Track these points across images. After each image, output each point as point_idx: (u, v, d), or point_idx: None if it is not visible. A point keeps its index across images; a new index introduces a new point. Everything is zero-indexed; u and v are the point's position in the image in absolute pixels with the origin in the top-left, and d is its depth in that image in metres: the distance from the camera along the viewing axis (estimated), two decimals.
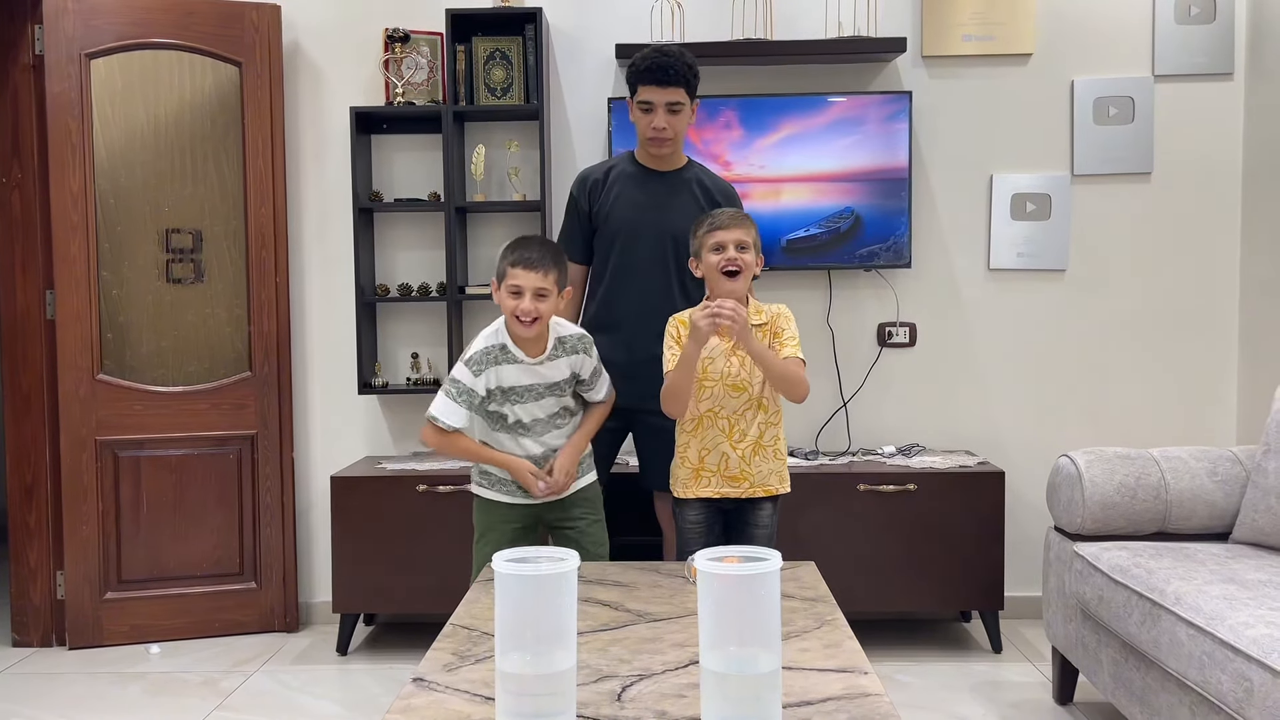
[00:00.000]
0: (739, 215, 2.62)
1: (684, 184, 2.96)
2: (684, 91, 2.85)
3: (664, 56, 2.82)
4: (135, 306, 3.58)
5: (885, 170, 3.55)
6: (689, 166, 3.01)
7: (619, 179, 2.95)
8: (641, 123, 2.88)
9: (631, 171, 2.97)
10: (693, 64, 2.87)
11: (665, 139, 2.87)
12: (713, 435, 2.59)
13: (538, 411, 2.59)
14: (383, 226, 3.75)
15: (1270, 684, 1.90)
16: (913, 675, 3.19)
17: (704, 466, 2.60)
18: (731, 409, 2.57)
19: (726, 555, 1.51)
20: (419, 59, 3.61)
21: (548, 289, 2.47)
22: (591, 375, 2.65)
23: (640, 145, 2.97)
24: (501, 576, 1.46)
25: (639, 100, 2.86)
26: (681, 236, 2.80)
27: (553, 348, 2.56)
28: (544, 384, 2.56)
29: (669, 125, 2.85)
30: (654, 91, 2.82)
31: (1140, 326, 3.70)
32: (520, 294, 2.46)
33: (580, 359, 2.61)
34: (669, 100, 2.83)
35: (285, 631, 3.67)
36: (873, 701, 1.58)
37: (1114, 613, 2.51)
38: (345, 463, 3.69)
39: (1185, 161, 3.66)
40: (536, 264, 2.46)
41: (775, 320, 2.61)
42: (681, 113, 2.87)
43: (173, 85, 3.57)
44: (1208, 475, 2.79)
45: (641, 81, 2.84)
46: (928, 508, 3.30)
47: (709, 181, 3.00)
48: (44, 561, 3.61)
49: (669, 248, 2.89)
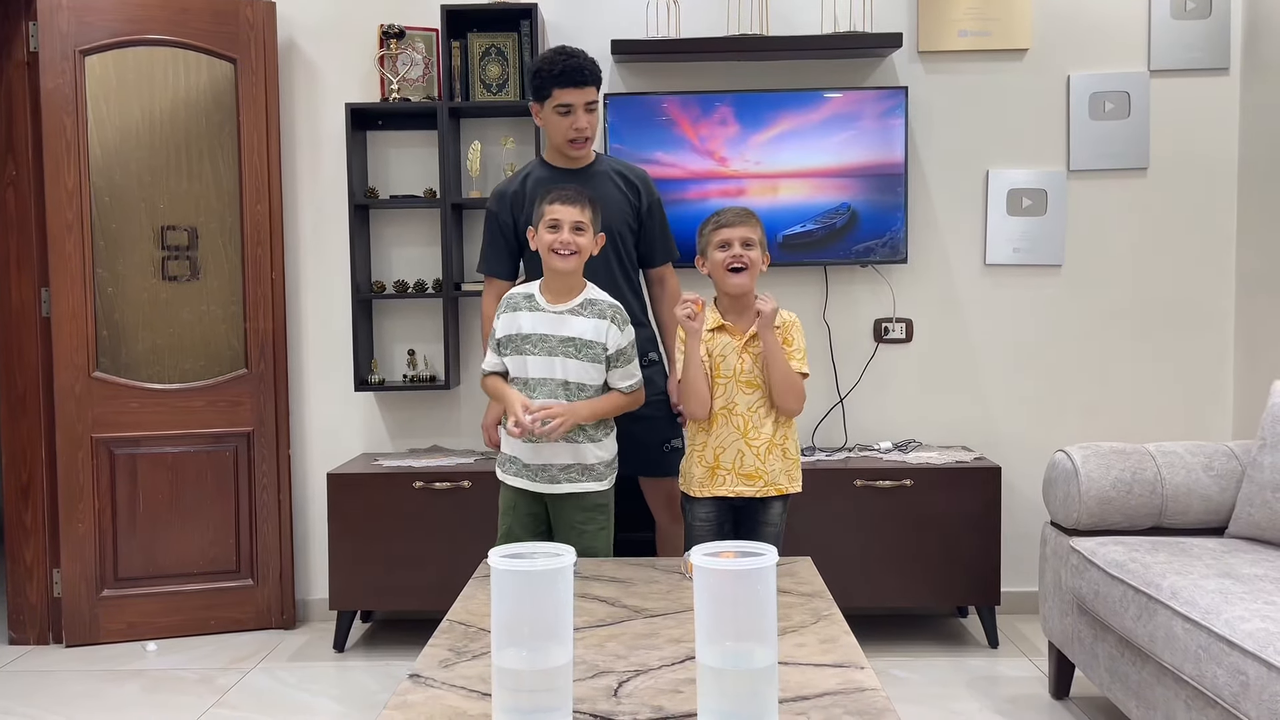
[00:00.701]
0: (744, 213, 2.63)
1: (602, 176, 2.97)
2: (595, 90, 2.91)
3: (575, 58, 2.87)
4: (131, 304, 3.57)
5: (881, 166, 3.55)
6: (600, 160, 3.03)
7: (537, 185, 2.92)
8: (561, 126, 2.89)
9: (547, 175, 2.96)
10: (596, 61, 2.92)
11: (586, 138, 2.91)
12: (728, 433, 2.59)
13: (544, 370, 2.57)
14: (378, 223, 3.75)
15: (1266, 678, 1.91)
16: (909, 670, 3.19)
17: (719, 465, 2.61)
18: (746, 405, 2.58)
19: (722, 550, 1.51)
20: (414, 55, 3.61)
21: (584, 223, 2.57)
22: (619, 353, 2.60)
23: (551, 149, 2.99)
24: (498, 573, 1.46)
25: (557, 104, 2.88)
26: (615, 228, 2.86)
27: (580, 304, 2.60)
28: (558, 336, 2.56)
29: (589, 124, 2.90)
30: (572, 93, 2.86)
31: (1136, 322, 3.70)
32: (558, 227, 2.55)
33: (608, 326, 2.58)
34: (587, 100, 2.88)
35: (282, 629, 3.67)
36: (869, 696, 1.59)
37: (1110, 607, 2.51)
38: (342, 460, 3.69)
39: (1181, 157, 3.66)
40: (574, 199, 2.58)
41: (787, 329, 2.61)
42: (596, 110, 2.93)
43: (167, 82, 3.56)
44: (1203, 470, 2.79)
45: (558, 85, 2.86)
46: (924, 503, 3.30)
47: (623, 169, 3.03)
48: (40, 559, 3.60)
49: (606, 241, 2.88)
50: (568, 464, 2.60)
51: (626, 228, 2.95)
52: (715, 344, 2.60)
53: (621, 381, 2.62)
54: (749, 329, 2.59)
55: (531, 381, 2.57)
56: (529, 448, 2.60)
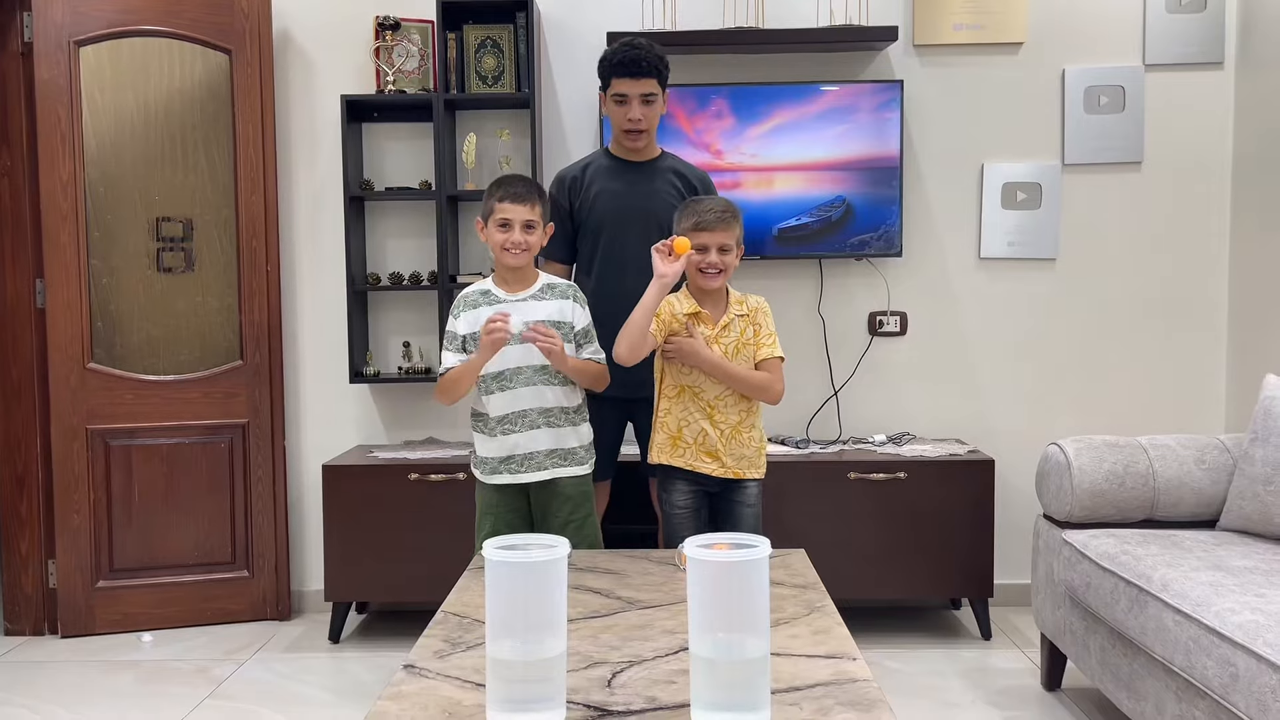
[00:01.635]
0: (725, 215, 2.57)
1: (661, 174, 3.00)
2: (656, 82, 2.91)
3: (635, 49, 2.88)
4: (126, 295, 3.57)
5: (876, 159, 3.55)
6: (663, 157, 3.05)
7: (597, 174, 2.99)
8: (617, 115, 2.93)
9: (608, 165, 3.01)
10: (663, 55, 2.93)
11: (641, 130, 2.93)
12: (695, 410, 2.60)
13: (520, 358, 2.57)
14: (374, 215, 3.75)
15: (1255, 669, 1.92)
16: (902, 662, 3.21)
17: (681, 437, 2.62)
18: (715, 392, 2.59)
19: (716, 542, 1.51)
20: (410, 47, 3.60)
21: (535, 221, 2.57)
22: (585, 330, 2.65)
23: (615, 139, 3.01)
24: (492, 564, 1.47)
25: (613, 93, 2.91)
26: (666, 224, 2.84)
27: (540, 289, 2.63)
28: (527, 323, 2.56)
29: (644, 116, 2.91)
30: (628, 84, 2.88)
31: (1130, 315, 3.71)
32: (509, 226, 2.55)
33: (570, 305, 2.63)
34: (643, 92, 2.89)
35: (277, 620, 3.67)
36: (861, 687, 1.60)
37: (1102, 599, 2.53)
38: (337, 451, 3.69)
39: (1175, 151, 3.67)
40: (523, 197, 2.56)
41: (755, 314, 2.62)
42: (655, 103, 2.93)
43: (162, 73, 3.55)
44: (1195, 463, 2.80)
45: (615, 74, 2.89)
46: (918, 496, 3.31)
47: (685, 170, 3.04)
48: (35, 550, 3.61)
49: (656, 235, 2.90)
50: (550, 449, 2.61)
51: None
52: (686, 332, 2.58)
53: (593, 358, 2.66)
54: (721, 318, 2.59)
55: (508, 372, 2.58)
56: (507, 443, 2.60)
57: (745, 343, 2.60)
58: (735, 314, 2.60)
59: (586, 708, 1.53)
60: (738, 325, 2.59)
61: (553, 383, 2.60)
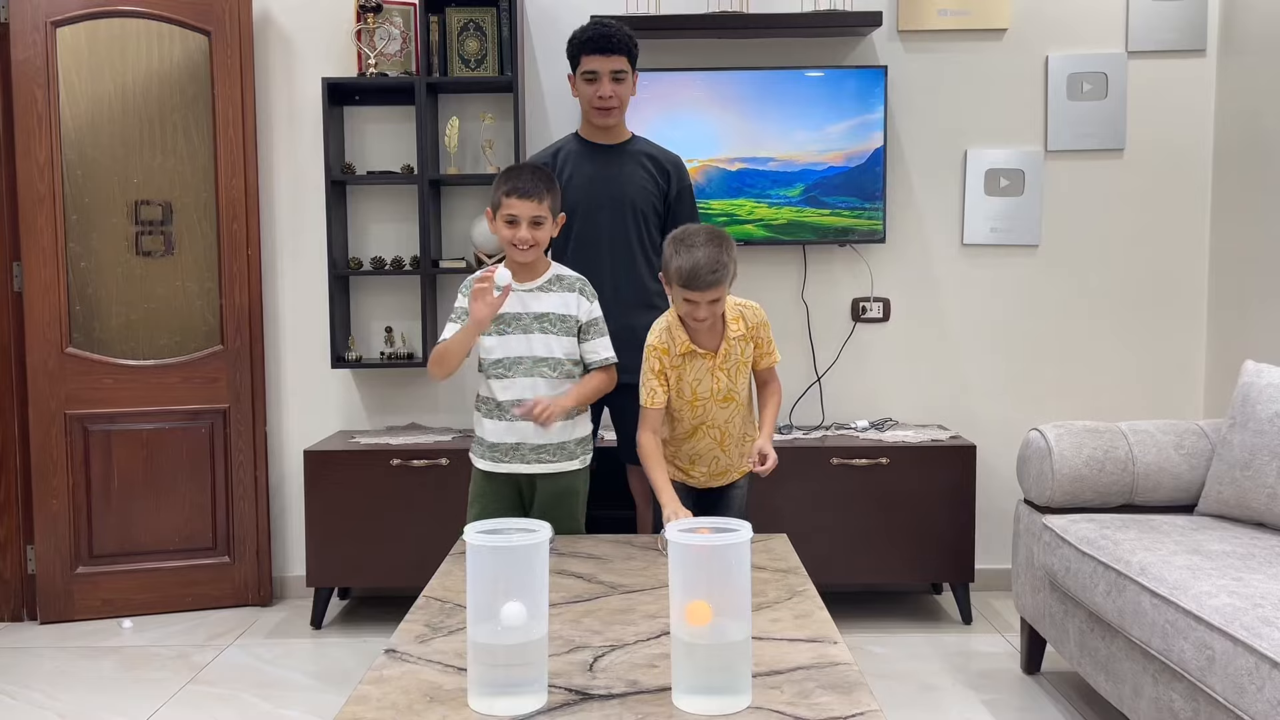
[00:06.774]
0: (717, 272, 2.35)
1: (632, 157, 2.99)
2: (626, 60, 2.91)
3: (605, 26, 2.90)
4: (104, 279, 3.54)
5: (860, 145, 3.55)
6: (634, 140, 3.04)
7: (568, 158, 2.98)
8: (587, 93, 2.92)
9: (579, 149, 3.00)
10: (631, 34, 2.94)
11: (611, 107, 2.92)
12: (706, 444, 2.59)
13: (521, 348, 2.55)
14: (355, 199, 3.72)
15: (1231, 652, 1.94)
16: (883, 645, 3.23)
17: (694, 468, 2.63)
18: (724, 418, 2.56)
19: (698, 526, 1.52)
20: (392, 29, 3.57)
21: (543, 216, 2.52)
22: (591, 324, 2.60)
23: (585, 119, 3.00)
24: (474, 548, 1.47)
25: (583, 71, 2.91)
26: (640, 205, 2.87)
27: (548, 280, 2.59)
28: (531, 314, 2.55)
29: (615, 93, 2.90)
30: (598, 60, 2.88)
31: (1111, 302, 3.73)
32: (516, 223, 2.51)
33: (578, 299, 2.59)
34: (613, 69, 2.89)
35: (259, 605, 3.66)
36: (841, 670, 1.60)
37: (1081, 583, 2.55)
38: (318, 437, 3.68)
39: (1157, 138, 3.68)
40: (530, 192, 2.51)
41: (754, 330, 2.54)
42: (625, 81, 2.92)
43: (140, 54, 3.52)
44: (1174, 448, 2.82)
45: (585, 51, 2.89)
46: (900, 481, 3.33)
47: (656, 153, 3.03)
48: (14, 536, 3.58)
49: (629, 218, 2.92)
50: (543, 442, 2.59)
51: (651, 209, 2.97)
52: (688, 369, 2.50)
53: (599, 353, 2.60)
54: (718, 345, 2.50)
55: (508, 360, 2.56)
56: (502, 427, 2.58)
57: (745, 360, 2.54)
58: (734, 337, 2.51)
59: (569, 691, 1.54)
60: (737, 348, 2.52)
61: (551, 375, 2.57)
